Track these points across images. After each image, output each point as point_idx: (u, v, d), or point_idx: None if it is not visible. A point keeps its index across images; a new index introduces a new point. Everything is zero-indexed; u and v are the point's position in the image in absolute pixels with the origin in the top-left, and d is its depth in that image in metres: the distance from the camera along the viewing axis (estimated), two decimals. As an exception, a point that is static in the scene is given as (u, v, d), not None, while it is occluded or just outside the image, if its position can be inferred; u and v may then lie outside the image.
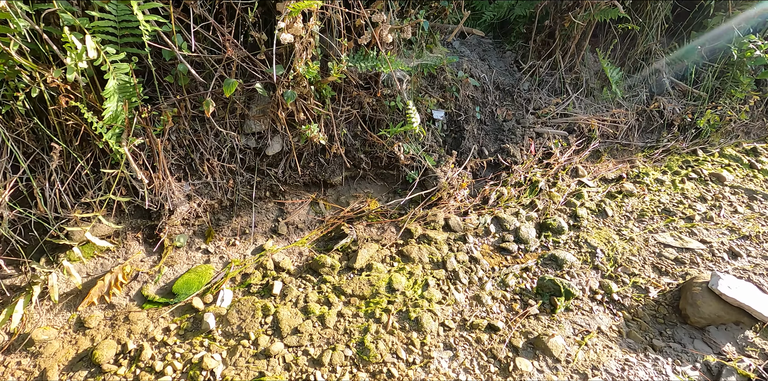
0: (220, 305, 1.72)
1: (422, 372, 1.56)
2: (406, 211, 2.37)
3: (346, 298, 1.82)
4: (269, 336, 1.62)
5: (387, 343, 1.62)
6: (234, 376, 1.46)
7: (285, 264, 1.93)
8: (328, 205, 2.32)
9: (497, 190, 2.61)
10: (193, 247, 1.96)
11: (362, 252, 2.02)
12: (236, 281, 1.85)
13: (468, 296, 1.90)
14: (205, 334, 1.62)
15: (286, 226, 2.16)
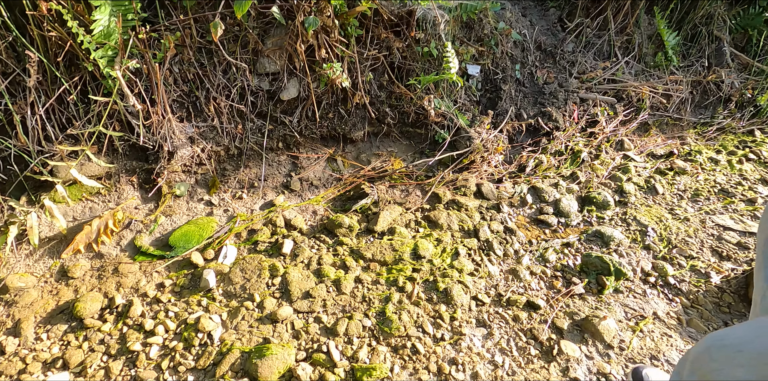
0: (222, 262, 1.54)
1: (452, 350, 1.38)
2: (434, 173, 2.15)
3: (365, 262, 1.63)
4: (276, 299, 1.44)
5: (411, 314, 1.44)
6: (234, 340, 1.28)
7: (297, 222, 1.73)
8: (347, 162, 2.11)
9: (536, 158, 2.38)
10: (194, 197, 1.76)
11: (384, 214, 1.82)
12: (241, 237, 1.66)
13: (503, 270, 1.71)
14: (203, 292, 1.44)
15: (299, 181, 1.96)
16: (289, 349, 1.26)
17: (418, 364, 1.32)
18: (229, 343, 1.28)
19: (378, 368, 1.26)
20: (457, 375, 1.30)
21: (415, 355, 1.34)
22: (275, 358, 1.22)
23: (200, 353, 1.26)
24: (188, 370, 1.22)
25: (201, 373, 1.22)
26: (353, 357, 1.30)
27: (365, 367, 1.26)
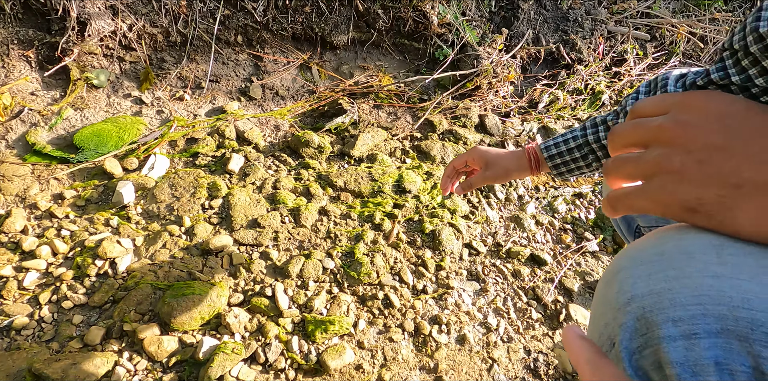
0: (147, 174, 1.19)
1: (435, 305, 1.10)
2: (429, 97, 1.81)
3: (335, 191, 1.31)
4: (213, 225, 1.12)
5: (387, 259, 1.15)
6: (147, 272, 0.97)
7: (253, 136, 1.38)
8: (324, 72, 1.73)
9: (551, 94, 2.05)
10: (119, 91, 1.38)
11: (364, 136, 1.48)
12: (177, 147, 1.30)
13: (504, 217, 1.42)
14: (116, 210, 1.11)
15: (261, 89, 1.59)
16: (220, 288, 0.96)
17: (390, 320, 1.04)
18: (138, 276, 0.96)
19: (337, 322, 0.97)
20: (440, 337, 1.04)
21: (387, 309, 1.06)
22: (199, 299, 0.91)
23: (96, 286, 0.95)
24: (76, 307, 0.91)
25: (94, 312, 0.91)
26: (306, 306, 1.01)
27: (320, 320, 0.97)
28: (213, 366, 0.84)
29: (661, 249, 0.37)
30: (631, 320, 0.36)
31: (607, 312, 0.39)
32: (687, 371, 0.31)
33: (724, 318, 0.31)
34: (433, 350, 1.01)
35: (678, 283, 0.34)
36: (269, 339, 0.93)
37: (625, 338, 0.36)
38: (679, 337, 0.32)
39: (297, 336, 0.95)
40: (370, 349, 0.99)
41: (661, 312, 0.34)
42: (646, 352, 0.34)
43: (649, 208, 0.37)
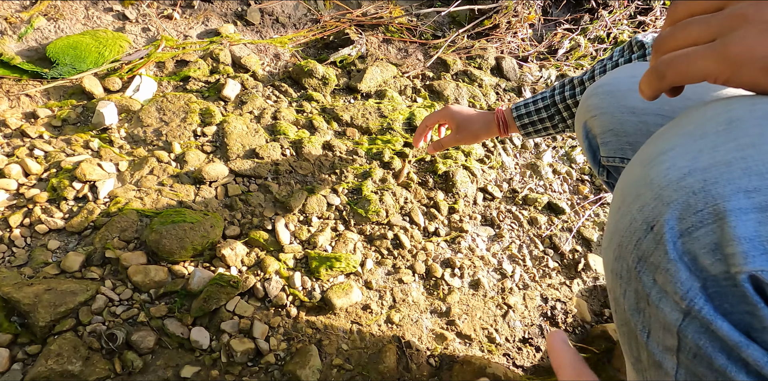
0: (132, 96, 1.07)
1: (447, 249, 1.03)
2: (443, 33, 1.67)
3: (341, 126, 1.21)
4: (206, 154, 1.02)
5: (397, 198, 1.06)
6: (132, 198, 0.87)
7: (250, 63, 1.26)
8: (329, 0, 1.59)
9: (572, 39, 1.93)
10: (99, 4, 1.23)
11: (373, 70, 1.37)
12: (166, 69, 1.18)
13: (520, 164, 1.34)
14: (97, 132, 1.00)
15: (260, 13, 1.45)
16: (215, 219, 0.87)
17: (400, 260, 0.97)
18: (122, 202, 0.87)
19: (344, 259, 0.90)
20: (452, 280, 0.97)
21: (397, 250, 0.99)
22: (191, 228, 0.82)
23: (74, 211, 0.85)
24: (52, 232, 0.82)
25: (72, 237, 0.82)
26: (309, 242, 0.94)
27: (325, 256, 0.90)
28: (207, 298, 0.76)
29: (727, 117, 0.31)
30: (684, 196, 0.30)
31: (645, 193, 0.33)
32: (757, 248, 0.26)
33: None
34: (446, 294, 0.95)
35: (755, 151, 0.28)
36: (269, 274, 0.85)
37: (672, 217, 0.30)
38: (751, 210, 0.27)
39: (300, 272, 0.88)
40: (378, 290, 0.92)
41: (730, 183, 0.28)
42: (699, 232, 0.29)
43: (714, 69, 0.30)
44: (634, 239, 0.34)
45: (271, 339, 0.78)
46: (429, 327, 0.89)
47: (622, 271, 0.36)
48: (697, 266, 0.30)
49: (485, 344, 0.90)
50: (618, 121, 0.61)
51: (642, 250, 0.33)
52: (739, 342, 0.29)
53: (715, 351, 0.30)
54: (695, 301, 0.30)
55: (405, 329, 0.87)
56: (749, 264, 0.27)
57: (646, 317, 0.34)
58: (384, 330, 0.86)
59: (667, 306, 0.32)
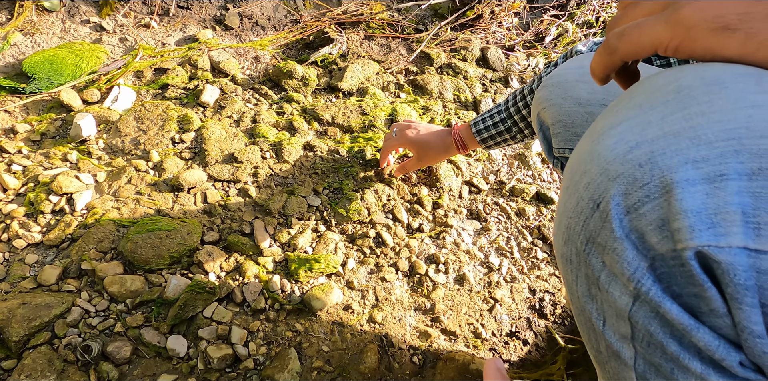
0: (110, 107, 1.07)
1: (432, 244, 1.01)
2: (426, 27, 1.65)
3: (322, 126, 1.19)
4: (185, 161, 1.01)
5: (379, 196, 1.05)
6: (109, 209, 0.87)
7: (229, 67, 1.25)
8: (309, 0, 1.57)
9: (559, 26, 1.89)
10: (76, 16, 1.23)
11: (354, 68, 1.35)
12: (144, 78, 1.17)
13: (507, 154, 1.31)
14: (75, 144, 1.00)
15: (238, 17, 1.44)
16: (192, 225, 0.86)
17: (382, 259, 0.96)
18: (99, 213, 0.87)
19: (323, 259, 0.89)
20: (437, 276, 0.95)
21: (379, 248, 0.97)
22: (166, 235, 0.82)
23: (52, 224, 0.85)
24: (30, 246, 0.82)
25: (50, 251, 0.82)
26: (289, 244, 0.92)
27: (304, 258, 0.89)
28: (183, 305, 0.75)
29: (676, 86, 0.29)
30: (630, 169, 0.28)
31: (592, 169, 0.31)
32: (704, 222, 0.24)
33: (765, 154, 0.23)
34: (430, 290, 0.93)
35: (705, 119, 0.26)
36: (248, 278, 0.85)
37: (618, 193, 0.28)
38: (699, 181, 0.25)
39: (279, 275, 0.87)
40: (360, 290, 0.91)
41: (678, 153, 0.26)
42: (646, 207, 0.27)
43: (665, 34, 0.29)
44: (582, 219, 0.31)
45: (249, 344, 0.77)
46: (413, 325, 0.88)
47: (571, 255, 0.34)
48: (645, 244, 0.28)
49: (470, 340, 0.88)
50: (566, 112, 0.59)
51: (589, 230, 0.31)
52: (689, 326, 0.26)
53: (667, 337, 0.28)
54: (642, 282, 0.28)
55: (388, 328, 0.86)
56: (695, 238, 0.25)
57: (599, 304, 0.32)
58: (366, 330, 0.84)
59: (616, 290, 0.30)
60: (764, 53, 0.26)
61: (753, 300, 0.24)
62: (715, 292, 0.25)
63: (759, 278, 0.24)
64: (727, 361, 0.26)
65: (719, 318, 0.26)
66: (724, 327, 0.26)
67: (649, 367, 0.30)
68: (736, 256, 0.24)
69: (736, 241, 0.24)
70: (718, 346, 0.26)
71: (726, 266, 0.24)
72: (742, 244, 0.24)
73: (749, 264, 0.24)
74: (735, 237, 0.24)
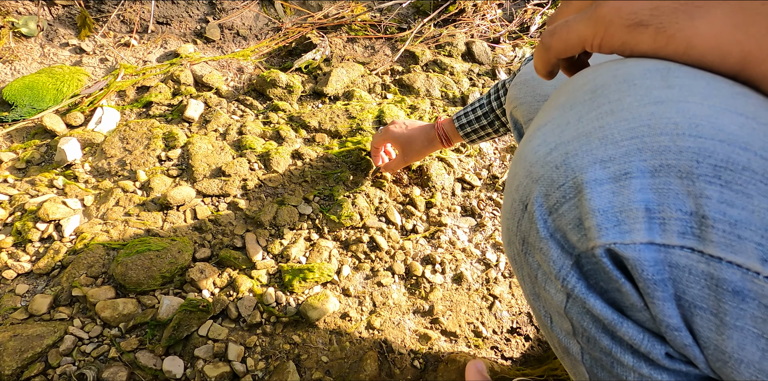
0: (94, 129, 1.05)
1: (427, 245, 0.99)
2: (409, 25, 1.62)
3: (310, 133, 1.17)
4: (172, 178, 0.99)
5: (371, 199, 1.02)
6: (98, 232, 0.85)
7: (213, 80, 1.23)
8: (289, 6, 1.55)
9: (543, 14, 1.85)
10: (55, 40, 1.22)
11: (338, 72, 1.32)
12: (127, 98, 1.16)
13: (499, 148, 1.28)
14: (61, 169, 0.98)
15: (219, 29, 1.41)
16: (183, 243, 0.85)
17: (378, 263, 0.93)
18: (88, 237, 0.85)
19: (317, 269, 0.87)
20: (434, 277, 0.93)
21: (374, 253, 0.95)
22: (157, 256, 0.80)
23: (41, 252, 0.84)
24: (20, 276, 0.81)
25: (40, 280, 0.81)
26: (282, 255, 0.90)
27: (298, 268, 0.87)
28: (177, 326, 0.74)
29: (592, 85, 0.30)
30: (549, 171, 0.29)
31: (519, 171, 0.32)
32: (610, 220, 0.25)
33: (665, 151, 0.24)
34: (428, 292, 0.91)
35: (613, 118, 0.27)
36: (242, 293, 0.83)
37: (540, 194, 0.29)
38: (606, 180, 0.26)
39: (273, 287, 0.85)
40: (357, 296, 0.88)
41: (588, 153, 0.27)
42: (564, 207, 0.28)
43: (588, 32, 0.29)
44: (516, 221, 0.32)
45: (247, 360, 0.75)
46: (412, 328, 0.85)
47: (514, 255, 0.34)
48: (569, 243, 0.28)
49: (471, 339, 0.86)
50: (534, 109, 0.57)
51: (522, 231, 0.31)
52: (613, 320, 0.27)
53: (599, 332, 0.28)
54: (568, 279, 0.28)
55: (387, 333, 0.83)
56: (602, 237, 0.25)
57: (543, 302, 0.33)
58: (365, 337, 0.82)
59: (552, 288, 0.30)
60: (674, 47, 0.26)
61: (664, 294, 0.24)
62: (630, 287, 0.25)
63: (672, 272, 0.24)
64: (653, 354, 0.26)
65: (640, 312, 0.26)
66: (647, 321, 0.26)
67: (594, 362, 0.30)
68: (641, 252, 0.24)
69: (640, 238, 0.24)
70: (642, 339, 0.26)
71: (633, 262, 0.24)
72: (646, 240, 0.24)
73: (658, 259, 0.24)
74: (638, 233, 0.24)
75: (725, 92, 0.25)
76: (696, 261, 0.23)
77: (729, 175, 0.22)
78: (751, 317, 0.22)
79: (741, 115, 0.23)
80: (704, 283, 0.23)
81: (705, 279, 0.23)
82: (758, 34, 0.24)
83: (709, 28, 0.25)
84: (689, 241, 0.23)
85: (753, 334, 0.22)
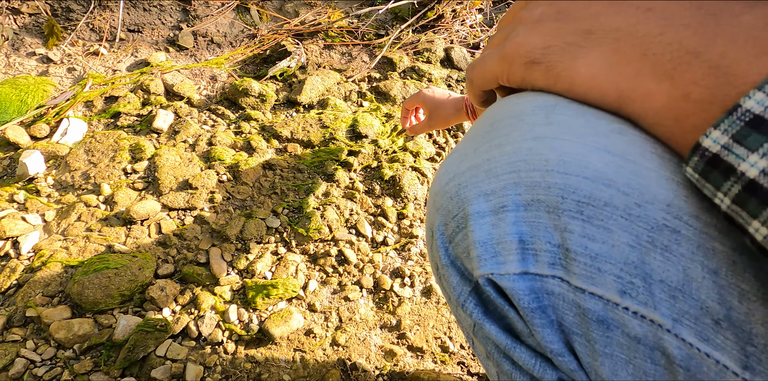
0: (59, 141, 1.03)
1: (397, 257, 0.98)
2: (387, 32, 1.61)
3: (281, 143, 1.16)
4: (137, 191, 0.97)
5: (341, 211, 1.01)
6: (57, 249, 0.83)
7: (184, 89, 1.21)
8: (265, 13, 1.53)
9: (524, 19, 1.84)
10: (21, 49, 1.19)
11: (313, 80, 1.31)
12: (95, 108, 1.14)
13: (474, 155, 1.27)
14: (23, 183, 0.96)
15: (192, 37, 1.40)
16: (145, 260, 0.83)
17: (346, 277, 0.92)
18: (46, 255, 0.83)
19: (281, 285, 0.85)
20: (402, 291, 0.92)
21: (342, 266, 0.94)
22: (115, 273, 0.78)
23: (-3, 270, 0.82)
24: (-24, 296, 0.79)
25: (-4, 299, 0.79)
26: (247, 270, 0.89)
27: (262, 284, 0.85)
28: (131, 347, 0.72)
29: (493, 119, 0.31)
30: (446, 201, 0.30)
31: (429, 200, 0.34)
32: (488, 251, 0.26)
33: (536, 186, 0.25)
34: (396, 306, 0.90)
35: (499, 152, 0.28)
36: (203, 310, 0.81)
37: (440, 223, 0.31)
38: (488, 213, 0.27)
39: (236, 304, 0.84)
40: (323, 312, 0.87)
41: (474, 186, 0.28)
42: (458, 237, 0.29)
43: (497, 68, 0.31)
44: (429, 246, 0.34)
45: (206, 380, 0.74)
46: (378, 344, 0.84)
47: (437, 279, 0.35)
48: (467, 270, 0.29)
49: (438, 355, 0.85)
50: None
51: (434, 256, 0.33)
52: (507, 345, 0.27)
53: (500, 356, 0.29)
54: (466, 305, 0.29)
55: (351, 350, 0.82)
56: (481, 267, 0.26)
57: (463, 325, 0.34)
58: (329, 354, 0.81)
59: (462, 313, 0.31)
60: (561, 84, 0.27)
61: (542, 321, 0.24)
62: (515, 314, 0.26)
63: (550, 299, 0.24)
64: (545, 379, 0.26)
65: (530, 338, 0.26)
66: (538, 346, 0.26)
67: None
68: (515, 282, 0.25)
69: (513, 268, 0.25)
70: (534, 364, 0.26)
71: (510, 291, 0.25)
72: (519, 270, 0.25)
73: (534, 287, 0.24)
74: (512, 264, 0.25)
75: (602, 130, 0.25)
76: (566, 290, 0.24)
77: (591, 210, 0.23)
78: (617, 344, 0.23)
79: (609, 153, 0.24)
80: (575, 312, 0.24)
81: (575, 307, 0.24)
82: (630, 74, 0.24)
83: (588, 69, 0.26)
84: (558, 271, 0.24)
85: (622, 360, 0.23)
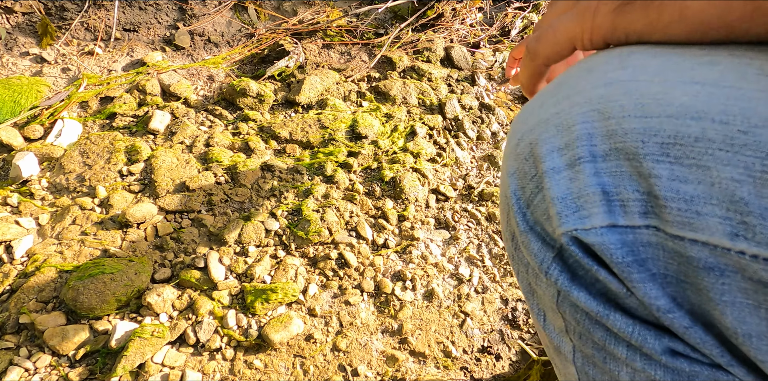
0: (54, 143, 1.02)
1: (398, 260, 0.96)
2: (386, 31, 1.59)
3: (280, 144, 1.14)
4: (133, 194, 0.96)
5: (342, 214, 1.00)
6: (52, 254, 0.82)
7: (180, 89, 1.19)
8: (263, 12, 1.51)
9: (524, 18, 1.83)
10: (14, 49, 1.17)
11: (312, 80, 1.29)
12: (90, 109, 1.12)
13: (476, 156, 1.26)
14: (16, 186, 0.94)
15: (189, 36, 1.38)
16: (141, 264, 0.81)
17: (346, 281, 0.91)
18: (41, 259, 0.81)
19: (280, 289, 0.84)
20: (404, 294, 0.91)
21: (342, 269, 0.92)
22: (111, 278, 0.77)
23: (-10, 275, 0.80)
24: (-32, 302, 0.77)
25: (-11, 305, 0.77)
26: (246, 274, 0.87)
27: (261, 289, 0.84)
28: (128, 354, 0.70)
29: (563, 77, 0.29)
30: (520, 163, 0.29)
31: (502, 166, 0.33)
32: (569, 206, 0.25)
33: (613, 134, 0.23)
34: (397, 310, 0.89)
35: (568, 102, 0.26)
36: (201, 316, 0.80)
37: (515, 188, 0.29)
38: (563, 168, 0.25)
39: (234, 309, 0.82)
40: (323, 316, 0.86)
41: (546, 142, 0.27)
42: (537, 199, 0.27)
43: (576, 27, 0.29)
44: (505, 217, 0.32)
45: (205, 387, 0.72)
46: (379, 349, 0.83)
47: (510, 252, 0.34)
48: (548, 235, 0.27)
49: (440, 360, 0.83)
50: None
51: (511, 227, 0.31)
52: (599, 312, 0.25)
53: (592, 324, 0.26)
54: (551, 272, 0.27)
55: (352, 356, 0.81)
56: (563, 224, 0.25)
57: (537, 299, 0.32)
58: (330, 359, 0.80)
59: (542, 283, 0.29)
60: (668, 15, 0.25)
61: (642, 275, 0.22)
62: (606, 274, 0.24)
63: (647, 251, 0.22)
64: (646, 348, 0.23)
65: (628, 299, 0.24)
66: (638, 307, 0.24)
67: (586, 361, 0.29)
68: (603, 235, 0.23)
69: (599, 221, 0.23)
70: (632, 331, 0.24)
71: (599, 247, 0.23)
72: (606, 223, 0.23)
73: (626, 240, 0.23)
74: (597, 217, 0.23)
75: (685, 65, 0.23)
76: (664, 239, 0.22)
77: (678, 150, 0.21)
78: (739, 290, 0.20)
79: (697, 84, 0.22)
80: (678, 261, 0.22)
81: (677, 256, 0.22)
82: None
83: None
84: (653, 220, 0.22)
85: (749, 306, 0.20)
